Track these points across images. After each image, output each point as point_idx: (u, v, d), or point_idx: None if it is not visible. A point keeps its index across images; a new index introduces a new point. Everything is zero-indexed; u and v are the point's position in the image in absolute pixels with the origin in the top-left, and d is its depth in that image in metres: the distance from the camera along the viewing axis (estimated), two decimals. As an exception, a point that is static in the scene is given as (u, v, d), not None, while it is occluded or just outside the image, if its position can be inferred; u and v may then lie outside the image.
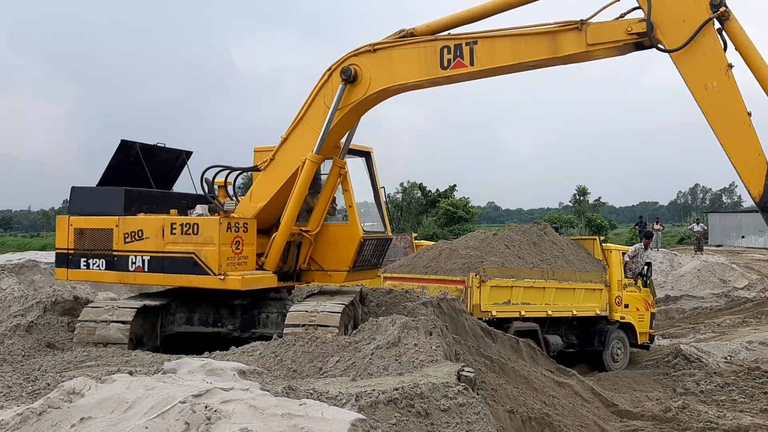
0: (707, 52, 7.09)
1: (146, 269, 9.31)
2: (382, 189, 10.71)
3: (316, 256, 10.10)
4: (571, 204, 68.35)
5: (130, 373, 5.44)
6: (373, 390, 5.46)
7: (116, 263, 9.47)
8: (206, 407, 3.88)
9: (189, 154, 11.18)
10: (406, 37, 8.70)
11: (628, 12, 7.49)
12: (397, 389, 5.52)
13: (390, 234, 10.93)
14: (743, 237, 48.71)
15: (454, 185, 56.09)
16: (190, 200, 10.29)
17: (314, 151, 9.12)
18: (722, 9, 6.98)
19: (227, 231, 8.97)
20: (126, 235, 9.40)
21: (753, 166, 7.03)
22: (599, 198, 67.21)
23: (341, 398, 5.17)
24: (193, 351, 8.25)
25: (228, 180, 9.87)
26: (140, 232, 9.32)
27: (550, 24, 7.87)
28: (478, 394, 6.31)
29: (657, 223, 38.76)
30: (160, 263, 9.22)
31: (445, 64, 8.39)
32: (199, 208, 9.46)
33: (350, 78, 8.86)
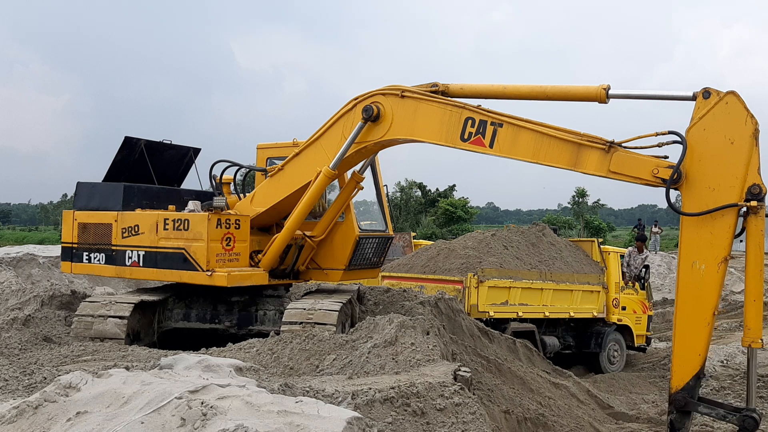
0: (715, 233, 6.53)
1: (141, 264, 9.37)
2: (385, 187, 10.69)
3: (314, 254, 10.10)
4: (569, 206, 68.42)
5: (127, 368, 5.44)
6: (370, 388, 5.46)
7: (114, 257, 9.55)
8: (202, 403, 3.89)
9: (197, 151, 11.19)
10: (437, 93, 8.40)
11: (667, 143, 6.85)
12: (393, 388, 5.53)
13: (391, 233, 10.90)
14: (741, 241, 48.65)
15: (454, 185, 56.22)
16: (194, 196, 10.30)
17: (330, 166, 8.97)
18: (755, 203, 6.36)
19: (217, 227, 8.97)
20: (124, 230, 9.46)
21: (688, 361, 6.68)
22: (598, 200, 67.33)
23: (337, 396, 5.18)
24: (190, 347, 8.25)
25: (237, 176, 9.91)
26: (136, 227, 9.38)
27: (580, 134, 7.38)
28: (474, 394, 6.33)
29: (656, 226, 38.77)
30: (153, 258, 9.27)
31: (465, 137, 8.01)
32: (191, 204, 9.48)
33: (371, 118, 8.63)
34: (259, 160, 10.37)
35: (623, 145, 7.14)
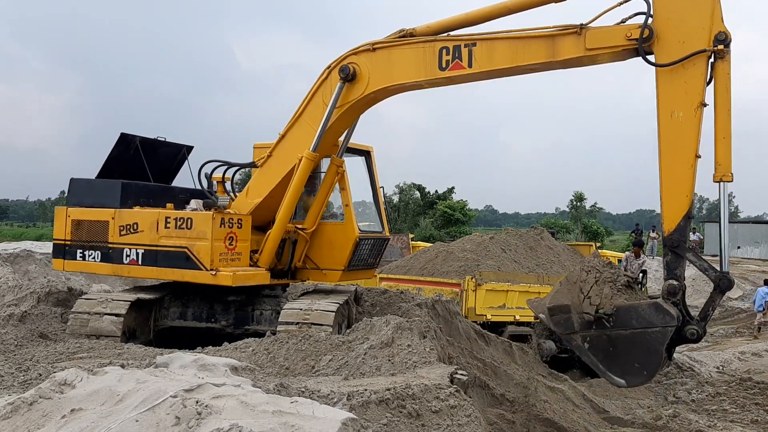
0: (689, 81, 7.04)
1: (140, 262, 9.30)
2: (381, 189, 10.69)
3: (311, 254, 10.10)
4: (567, 209, 68.48)
5: (122, 366, 5.42)
6: (365, 390, 5.46)
7: (111, 255, 9.47)
8: (197, 402, 3.88)
9: (190, 149, 11.14)
10: (405, 37, 8.69)
11: (630, 17, 7.39)
12: (389, 389, 5.52)
13: (388, 234, 10.91)
14: (739, 247, 48.80)
15: (452, 187, 56.23)
16: (188, 195, 10.28)
17: (311, 149, 9.09)
18: (722, 47, 6.91)
19: (221, 226, 8.96)
20: (121, 228, 9.40)
21: (677, 204, 7.10)
22: (595, 203, 67.40)
23: (333, 397, 5.17)
24: (186, 346, 8.24)
25: (226, 176, 9.84)
26: (135, 225, 9.31)
27: (550, 27, 7.78)
28: (470, 397, 6.32)
29: (653, 230, 38.78)
30: (153, 257, 9.21)
31: (444, 65, 8.34)
32: (194, 203, 9.45)
33: (349, 77, 8.83)
34: (256, 158, 10.33)
35: (591, 26, 7.56)
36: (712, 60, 7.00)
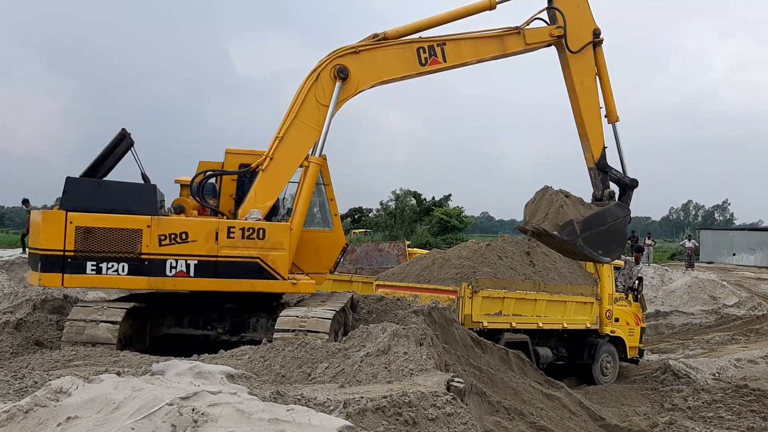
0: (587, 62, 10.99)
1: (192, 274, 8.87)
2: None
3: (296, 259, 10.13)
4: (564, 217, 68.31)
5: (118, 374, 5.42)
6: (362, 397, 5.45)
7: (148, 268, 8.79)
8: (193, 410, 3.87)
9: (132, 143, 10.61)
10: (381, 40, 10.16)
11: (532, 20, 10.99)
12: (385, 397, 5.51)
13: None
14: (734, 254, 48.89)
15: (449, 194, 56.17)
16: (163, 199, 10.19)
17: (317, 154, 9.67)
18: (600, 38, 11.10)
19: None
20: (162, 237, 8.77)
21: (598, 140, 11.04)
22: (591, 211, 67.26)
23: (329, 405, 5.16)
24: (182, 353, 8.22)
25: (194, 181, 9.74)
26: (184, 235, 8.82)
27: (496, 29, 10.79)
28: (466, 405, 6.31)
29: (649, 237, 38.94)
30: (211, 268, 8.90)
31: (423, 62, 10.29)
32: (256, 213, 9.38)
33: (346, 77, 9.81)
34: (229, 164, 10.23)
35: (525, 28, 10.94)
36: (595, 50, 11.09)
